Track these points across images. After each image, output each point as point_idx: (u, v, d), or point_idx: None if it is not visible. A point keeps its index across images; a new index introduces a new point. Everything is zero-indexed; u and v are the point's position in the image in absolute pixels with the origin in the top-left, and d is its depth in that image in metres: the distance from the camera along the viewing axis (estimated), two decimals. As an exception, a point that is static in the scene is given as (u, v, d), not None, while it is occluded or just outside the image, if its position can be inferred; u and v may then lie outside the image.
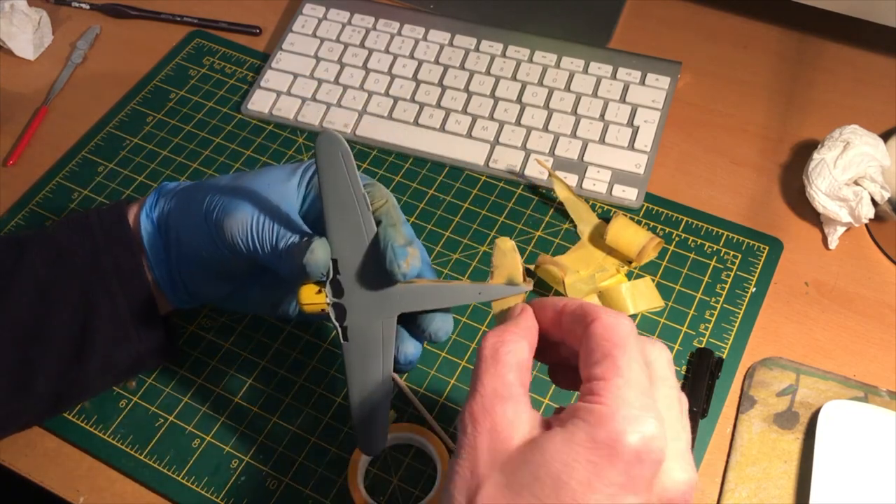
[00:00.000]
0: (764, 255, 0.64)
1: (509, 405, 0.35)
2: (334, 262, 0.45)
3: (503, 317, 0.42)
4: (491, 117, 0.72)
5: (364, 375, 0.46)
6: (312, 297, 0.46)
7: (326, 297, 0.46)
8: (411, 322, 0.47)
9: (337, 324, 0.46)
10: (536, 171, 0.69)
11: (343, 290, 0.45)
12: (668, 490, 0.34)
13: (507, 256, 0.44)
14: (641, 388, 0.33)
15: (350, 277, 0.45)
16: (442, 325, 0.47)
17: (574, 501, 0.31)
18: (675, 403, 0.36)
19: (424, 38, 0.78)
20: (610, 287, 0.62)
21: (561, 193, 0.67)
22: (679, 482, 0.34)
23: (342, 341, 0.46)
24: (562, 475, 0.32)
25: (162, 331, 0.56)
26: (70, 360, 0.53)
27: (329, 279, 0.46)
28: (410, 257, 0.43)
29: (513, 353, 0.37)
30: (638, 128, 0.71)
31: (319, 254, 0.44)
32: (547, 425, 0.35)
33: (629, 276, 0.64)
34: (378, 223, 0.45)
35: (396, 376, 0.59)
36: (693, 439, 0.55)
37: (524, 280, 0.43)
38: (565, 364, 0.41)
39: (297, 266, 0.45)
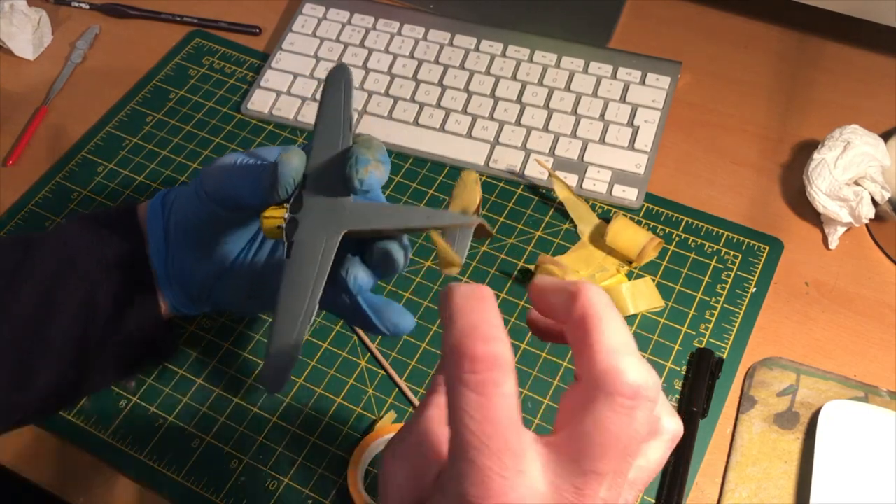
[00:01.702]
0: (764, 255, 0.64)
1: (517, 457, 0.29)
2: (305, 177, 0.45)
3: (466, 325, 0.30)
4: (491, 117, 0.72)
5: (294, 296, 0.44)
6: (272, 212, 0.46)
7: (285, 210, 0.45)
8: (366, 251, 0.47)
9: (285, 239, 0.45)
10: (536, 171, 0.69)
11: (302, 204, 0.45)
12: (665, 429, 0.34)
13: (468, 188, 0.43)
14: (632, 345, 0.31)
15: (311, 190, 0.45)
16: (394, 254, 0.45)
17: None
18: None
19: (424, 38, 0.78)
20: (610, 287, 0.62)
21: (561, 193, 0.67)
22: (674, 425, 0.35)
23: (285, 258, 0.45)
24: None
25: (163, 330, 0.56)
26: (71, 360, 0.52)
27: (294, 195, 0.45)
28: (372, 166, 0.43)
29: (510, 395, 0.29)
30: (638, 128, 0.71)
31: (294, 158, 0.44)
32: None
33: (629, 276, 0.64)
34: (355, 142, 0.45)
35: (372, 347, 0.59)
36: (693, 439, 0.55)
37: (477, 214, 0.43)
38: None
39: (272, 173, 0.45)
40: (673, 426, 0.35)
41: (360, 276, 0.46)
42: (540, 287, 0.34)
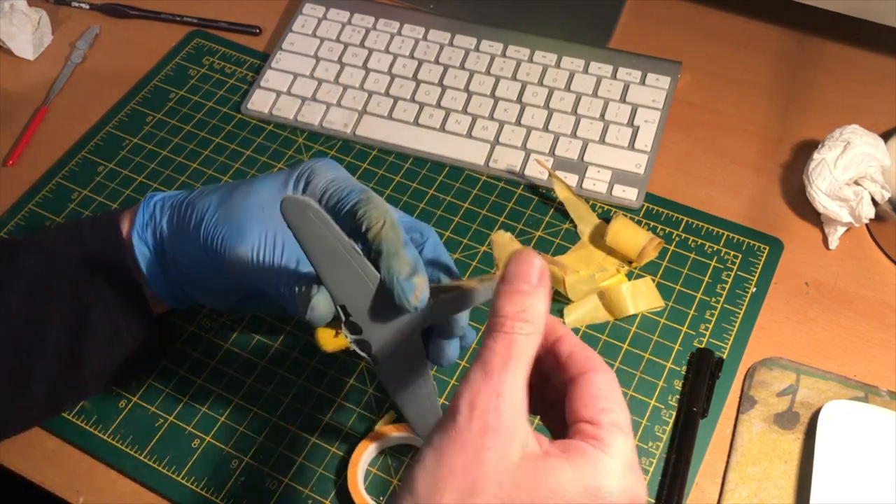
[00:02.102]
0: (764, 255, 0.64)
1: (518, 411, 0.34)
2: (343, 307, 0.44)
3: (515, 271, 0.36)
4: (491, 117, 0.72)
5: (407, 390, 0.47)
6: (332, 342, 0.47)
7: (346, 337, 0.45)
8: (438, 328, 0.47)
9: (365, 355, 0.46)
10: (536, 171, 0.69)
11: (360, 327, 0.45)
12: None
13: (508, 247, 0.44)
14: (633, 447, 0.36)
15: (363, 316, 0.45)
16: (462, 322, 0.47)
17: None
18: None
19: (424, 38, 0.78)
20: (610, 287, 0.62)
21: (561, 193, 0.67)
22: None
23: (372, 365, 0.46)
24: None
25: (155, 333, 0.56)
26: (65, 364, 0.52)
27: (343, 321, 0.45)
28: (418, 290, 0.42)
29: (528, 345, 0.35)
30: (638, 128, 0.71)
31: (321, 308, 0.44)
32: (544, 448, 0.34)
33: (629, 276, 0.64)
34: (378, 254, 0.44)
35: None
36: (693, 439, 0.55)
37: None
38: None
39: (302, 317, 0.45)
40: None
41: (450, 355, 0.48)
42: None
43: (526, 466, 0.33)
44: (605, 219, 0.66)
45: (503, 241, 0.44)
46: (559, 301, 0.62)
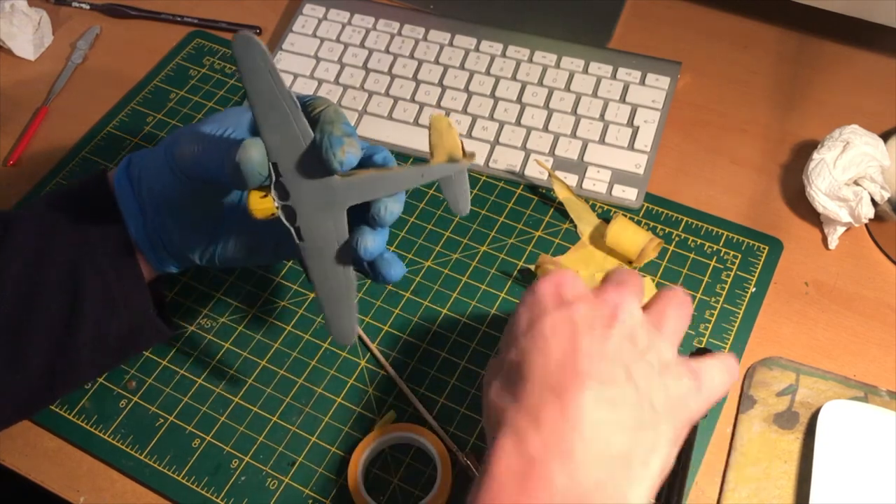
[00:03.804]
0: (764, 255, 0.64)
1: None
2: (274, 165, 0.45)
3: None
4: (491, 117, 0.72)
5: (325, 271, 0.47)
6: (260, 203, 0.46)
7: (273, 200, 0.46)
8: (364, 212, 0.47)
9: (288, 224, 0.46)
10: (536, 171, 0.69)
11: (288, 192, 0.45)
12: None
13: (445, 134, 0.44)
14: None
15: (292, 178, 0.45)
16: (391, 207, 0.47)
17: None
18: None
19: (424, 38, 0.78)
20: (610, 287, 0.62)
21: (561, 193, 0.67)
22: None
23: (297, 241, 0.47)
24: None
25: (150, 303, 0.55)
26: (61, 334, 0.52)
27: (272, 182, 0.45)
28: (347, 145, 0.43)
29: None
30: (638, 128, 0.71)
31: (252, 152, 0.44)
32: None
33: (629, 276, 0.64)
34: (317, 119, 0.45)
35: (372, 347, 0.59)
36: (693, 440, 0.55)
37: (464, 155, 0.44)
38: None
39: (233, 167, 0.44)
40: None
41: (368, 244, 0.47)
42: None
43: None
44: (605, 219, 0.66)
45: (441, 126, 0.44)
46: (559, 301, 0.62)
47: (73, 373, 0.56)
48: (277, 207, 0.46)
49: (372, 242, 0.47)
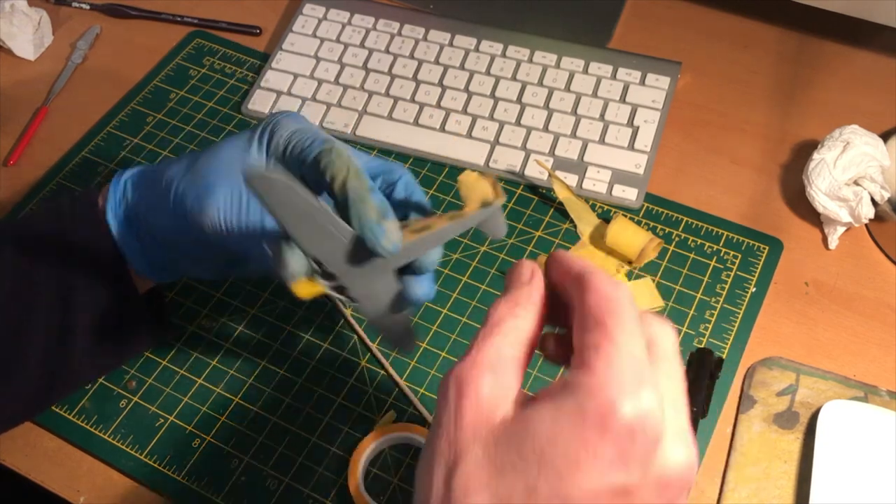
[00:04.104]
0: (764, 255, 0.64)
1: (500, 376, 0.32)
2: (316, 260, 0.45)
3: (510, 278, 0.37)
4: (491, 117, 0.72)
5: (385, 320, 0.47)
6: (308, 290, 0.46)
7: (321, 285, 0.45)
8: (408, 267, 0.47)
9: (342, 297, 0.46)
10: (536, 172, 0.69)
11: (334, 274, 0.45)
12: (665, 470, 0.30)
13: (475, 187, 0.44)
14: (637, 358, 0.30)
15: (338, 266, 0.45)
16: (433, 256, 0.47)
17: (560, 480, 0.28)
18: (677, 380, 0.33)
19: (424, 38, 0.78)
20: (610, 287, 0.62)
21: (561, 193, 0.67)
22: (678, 462, 0.31)
23: (352, 303, 0.47)
24: (546, 451, 0.29)
25: (144, 309, 0.55)
26: (56, 344, 0.52)
27: (318, 272, 0.45)
28: (389, 233, 0.42)
29: (517, 328, 0.33)
30: (638, 128, 0.71)
31: (294, 266, 0.44)
32: (535, 400, 0.31)
33: (629, 276, 0.64)
34: (345, 203, 0.44)
35: (372, 346, 0.59)
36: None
37: (497, 195, 0.44)
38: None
39: (274, 275, 0.44)
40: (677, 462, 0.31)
41: (420, 291, 0.47)
42: (556, 259, 0.35)
43: (509, 421, 0.31)
44: (605, 219, 0.66)
45: (470, 181, 0.44)
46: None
47: (70, 381, 0.56)
48: (328, 288, 0.45)
49: (422, 289, 0.47)
